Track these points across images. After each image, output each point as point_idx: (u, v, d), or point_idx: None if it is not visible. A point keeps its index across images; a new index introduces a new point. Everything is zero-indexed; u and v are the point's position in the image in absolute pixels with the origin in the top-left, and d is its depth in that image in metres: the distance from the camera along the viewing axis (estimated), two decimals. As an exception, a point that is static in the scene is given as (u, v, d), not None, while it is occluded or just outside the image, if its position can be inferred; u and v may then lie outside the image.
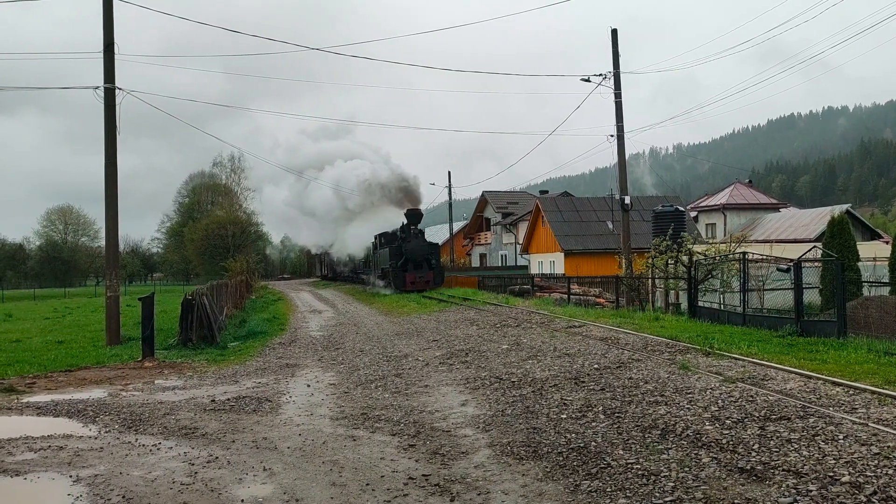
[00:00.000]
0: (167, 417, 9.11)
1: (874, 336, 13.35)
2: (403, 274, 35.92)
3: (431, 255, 37.28)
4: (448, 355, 13.51)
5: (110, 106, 18.75)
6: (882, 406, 7.44)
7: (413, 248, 36.47)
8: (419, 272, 36.14)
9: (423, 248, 36.90)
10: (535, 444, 6.99)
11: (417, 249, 36.50)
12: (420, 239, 37.49)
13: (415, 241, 36.85)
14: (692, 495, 5.32)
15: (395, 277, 36.12)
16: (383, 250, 39.62)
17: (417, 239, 37.15)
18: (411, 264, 36.28)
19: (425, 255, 36.79)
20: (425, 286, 35.57)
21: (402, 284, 35.58)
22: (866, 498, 4.98)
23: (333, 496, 5.84)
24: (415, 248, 36.49)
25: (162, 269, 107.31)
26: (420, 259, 36.46)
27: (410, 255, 36.29)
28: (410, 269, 36.17)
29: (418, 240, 37.21)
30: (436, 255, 38.03)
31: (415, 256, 36.36)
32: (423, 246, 37.04)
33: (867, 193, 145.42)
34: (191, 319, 17.33)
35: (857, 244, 21.26)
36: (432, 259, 37.25)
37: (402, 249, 36.65)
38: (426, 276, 36.27)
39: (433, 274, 36.82)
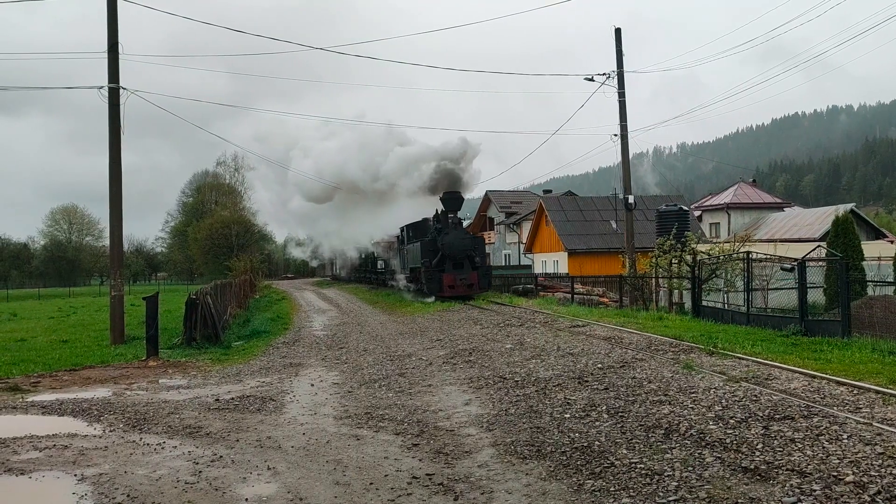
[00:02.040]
0: (171, 416, 9.13)
1: (879, 336, 13.32)
2: (440, 275, 28.29)
3: (475, 250, 29.33)
4: (451, 355, 13.51)
5: (114, 106, 18.79)
6: (886, 406, 7.43)
7: (452, 241, 28.52)
8: (460, 273, 28.51)
9: (464, 241, 28.99)
10: (538, 444, 6.99)
11: (457, 243, 28.59)
12: (460, 230, 29.65)
13: (454, 234, 28.79)
14: (696, 495, 5.32)
15: (430, 280, 28.65)
16: (412, 245, 32.43)
17: (458, 230, 29.19)
18: (450, 263, 28.61)
19: (467, 251, 28.84)
20: (468, 291, 28.21)
21: (439, 288, 28.17)
22: (870, 497, 4.97)
23: (337, 495, 5.85)
24: (454, 242, 28.55)
25: (166, 269, 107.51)
26: (461, 256, 28.65)
27: (449, 250, 28.46)
28: (449, 268, 28.57)
29: (458, 231, 29.27)
30: (480, 251, 30.00)
31: (454, 252, 28.52)
32: (464, 239, 29.16)
33: (872, 193, 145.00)
34: (195, 319, 17.36)
35: (861, 243, 21.21)
36: (476, 256, 29.13)
37: (437, 244, 29.02)
38: (469, 277, 28.48)
39: (478, 275, 28.87)
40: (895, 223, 53.13)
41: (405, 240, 34.69)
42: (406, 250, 34.26)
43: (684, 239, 23.81)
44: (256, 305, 33.30)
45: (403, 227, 34.81)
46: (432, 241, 29.55)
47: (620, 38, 26.27)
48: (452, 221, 29.32)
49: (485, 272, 29.78)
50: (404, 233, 34.86)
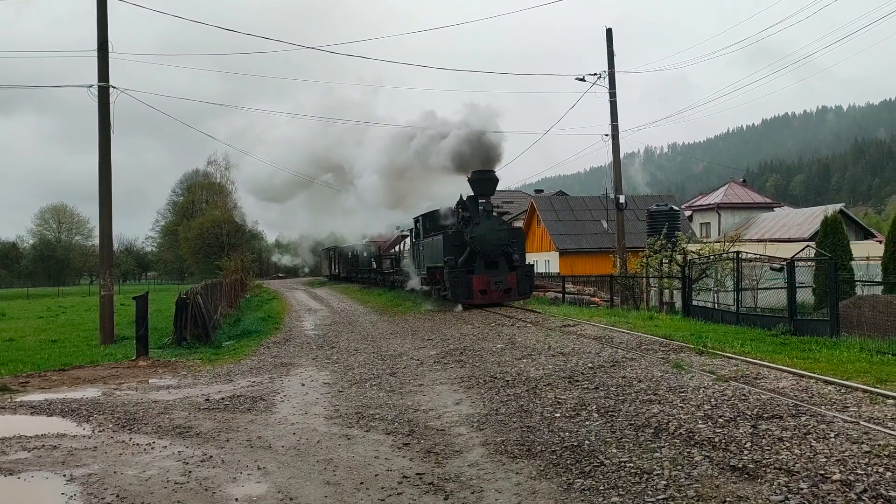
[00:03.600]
0: (161, 416, 9.11)
1: (867, 335, 13.41)
2: (468, 277, 22.32)
3: (513, 244, 23.30)
4: (443, 354, 13.52)
5: (104, 104, 18.72)
6: (873, 405, 7.48)
7: (484, 233, 22.56)
8: (494, 274, 22.50)
9: (499, 233, 22.93)
10: (528, 443, 7.01)
11: (491, 236, 22.63)
12: (494, 220, 23.47)
13: (487, 224, 22.81)
14: (684, 493, 5.35)
15: (456, 283, 22.35)
16: (431, 239, 25.80)
17: (491, 220, 23.12)
18: (481, 261, 22.69)
19: (503, 246, 22.86)
20: (505, 297, 22.33)
21: (467, 294, 22.28)
22: (857, 496, 5.01)
23: (328, 495, 5.86)
24: (487, 235, 22.57)
25: (156, 268, 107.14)
26: (495, 252, 22.75)
27: (480, 245, 22.52)
28: (480, 268, 22.60)
29: (492, 221, 23.12)
30: (519, 246, 23.85)
31: (487, 248, 22.59)
32: (499, 231, 23.04)
33: (861, 193, 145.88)
34: (185, 318, 17.31)
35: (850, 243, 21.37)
36: (514, 252, 23.13)
37: (464, 237, 22.98)
38: (505, 279, 22.43)
39: (516, 277, 22.69)
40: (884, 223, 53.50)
41: (420, 233, 28.05)
42: (422, 246, 27.55)
43: (675, 239, 23.93)
44: (247, 305, 33.22)
45: (418, 218, 28.32)
46: (457, 233, 23.40)
47: (612, 39, 26.36)
48: (484, 209, 22.92)
49: (525, 273, 23.29)
50: (419, 224, 28.12)
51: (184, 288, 24.56)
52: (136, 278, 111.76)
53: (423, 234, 27.62)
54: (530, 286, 23.61)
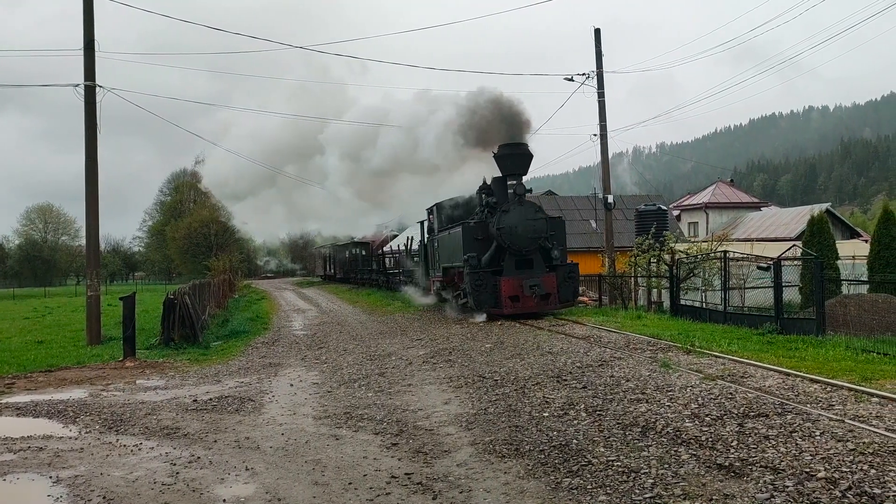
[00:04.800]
0: (148, 417, 9.07)
1: (852, 334, 13.55)
2: (494, 279, 18.11)
3: (552, 238, 19.00)
4: (431, 354, 13.53)
5: (91, 104, 18.62)
6: (858, 403, 7.55)
7: (515, 223, 18.31)
8: (528, 275, 18.13)
9: (535, 223, 18.52)
10: (517, 442, 7.03)
11: (523, 227, 18.31)
12: (528, 207, 18.77)
13: (518, 211, 18.46)
14: (671, 491, 5.38)
15: (478, 287, 18.10)
16: (447, 234, 21.39)
17: (523, 207, 18.62)
18: (511, 259, 18.41)
19: (539, 239, 18.54)
20: (542, 305, 18.05)
21: (493, 301, 18.03)
22: (841, 493, 5.06)
23: (316, 495, 5.85)
24: (517, 225, 18.30)
25: (144, 268, 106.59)
26: (529, 247, 18.38)
27: (510, 238, 18.29)
28: (510, 268, 18.31)
29: (525, 208, 18.64)
30: (560, 239, 19.53)
31: (518, 241, 18.30)
32: (534, 220, 18.58)
33: (847, 192, 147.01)
34: (173, 319, 17.23)
35: (836, 243, 21.55)
36: (554, 248, 18.90)
37: (489, 228, 18.75)
38: (543, 283, 18.04)
39: (556, 279, 18.38)
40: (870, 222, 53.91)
41: (434, 226, 23.60)
42: (436, 241, 23.08)
43: (663, 238, 24.04)
44: (235, 305, 33.09)
45: (431, 208, 23.99)
46: (481, 224, 19.06)
47: (600, 39, 26.42)
48: (516, 192, 18.50)
49: (568, 273, 18.62)
50: (432, 216, 23.89)
51: (171, 288, 24.44)
52: (123, 279, 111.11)
53: (438, 226, 22.83)
54: (574, 291, 18.86)
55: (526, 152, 19.07)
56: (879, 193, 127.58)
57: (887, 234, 20.10)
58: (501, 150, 18.91)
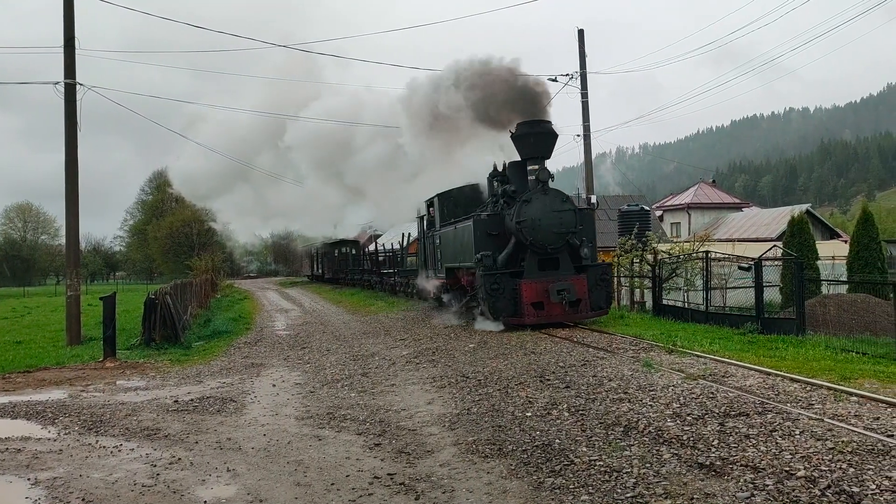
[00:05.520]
0: (129, 418, 8.98)
1: (832, 333, 13.67)
2: (514, 282, 15.62)
3: (581, 233, 16.42)
4: (415, 354, 13.51)
5: (71, 101, 18.42)
6: (837, 402, 7.63)
7: (537, 215, 15.78)
8: (553, 277, 15.67)
9: (561, 215, 15.94)
10: (500, 442, 7.03)
11: (548, 220, 15.80)
12: (553, 196, 16.16)
13: (542, 202, 15.92)
14: (653, 491, 5.40)
15: (493, 292, 15.51)
16: (453, 229, 18.72)
17: (548, 196, 16.07)
18: (533, 258, 15.93)
19: (567, 234, 15.99)
20: (572, 314, 15.53)
21: (513, 309, 15.54)
22: (820, 492, 5.10)
23: (298, 496, 5.82)
24: (541, 218, 15.77)
25: (125, 268, 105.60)
26: (555, 243, 15.88)
27: (532, 233, 15.77)
28: (532, 268, 15.85)
29: (549, 198, 16.05)
30: (589, 233, 16.93)
31: (542, 237, 15.80)
32: (560, 212, 15.97)
33: (827, 193, 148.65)
34: (154, 319, 17.09)
35: (816, 243, 21.76)
36: (583, 245, 16.37)
37: (505, 221, 16.42)
38: (572, 286, 15.46)
39: (586, 281, 15.84)
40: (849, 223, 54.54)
41: (436, 220, 20.80)
42: (438, 238, 20.42)
43: (645, 238, 24.12)
44: (218, 305, 32.88)
45: (431, 200, 21.07)
46: (495, 217, 16.52)
47: (583, 40, 26.51)
48: (538, 179, 15.95)
49: (600, 276, 16.17)
50: (433, 209, 21.13)
51: (153, 288, 24.24)
52: (104, 278, 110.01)
53: (441, 221, 20.14)
54: (607, 296, 16.30)
55: (549, 131, 16.34)
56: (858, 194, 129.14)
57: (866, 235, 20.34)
58: (521, 129, 16.19)
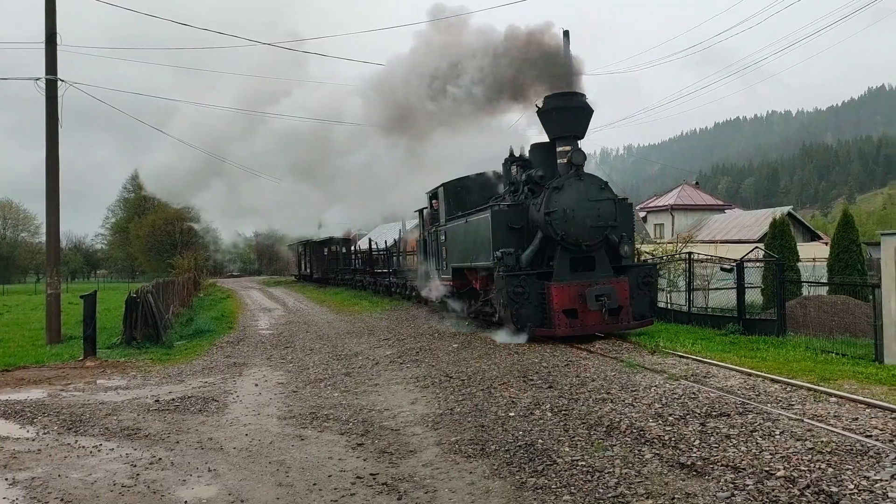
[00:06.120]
0: (109, 418, 8.90)
1: (812, 334, 13.83)
2: (540, 285, 13.45)
3: (620, 227, 14.19)
4: (399, 354, 13.49)
5: (52, 98, 18.23)
6: (817, 402, 7.71)
7: (571, 205, 13.61)
8: (589, 279, 13.45)
9: (598, 206, 13.82)
10: (482, 442, 7.03)
11: (583, 211, 13.67)
12: (589, 182, 13.95)
13: (576, 188, 13.75)
14: (634, 491, 5.43)
15: (517, 297, 13.25)
16: (463, 223, 16.36)
17: (582, 183, 13.83)
18: (564, 256, 13.77)
19: (605, 228, 13.88)
20: (611, 323, 13.36)
21: (540, 316, 13.35)
22: (800, 491, 5.15)
23: (280, 496, 5.79)
24: (575, 208, 13.63)
25: (106, 266, 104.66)
26: (591, 239, 13.78)
27: (563, 225, 13.61)
28: (562, 269, 13.69)
29: (584, 184, 13.85)
30: (628, 230, 14.61)
31: (576, 231, 13.66)
32: (598, 201, 13.85)
33: (808, 196, 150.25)
34: (135, 318, 16.94)
35: (797, 245, 22.00)
36: (624, 243, 14.12)
37: (529, 214, 14.30)
38: (612, 291, 13.19)
39: (628, 285, 13.63)
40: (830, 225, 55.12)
41: (438, 215, 18.67)
42: (442, 234, 18.10)
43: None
44: (200, 304, 32.68)
45: (434, 192, 19.03)
46: (517, 208, 14.38)
47: (568, 41, 26.51)
48: (571, 163, 13.63)
49: (643, 278, 14.05)
50: (435, 201, 19.09)
51: (134, 286, 24.03)
52: (84, 276, 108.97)
53: (447, 214, 17.78)
54: (651, 302, 14.22)
55: (584, 105, 13.90)
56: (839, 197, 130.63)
57: (846, 238, 20.57)
58: (549, 103, 13.91)
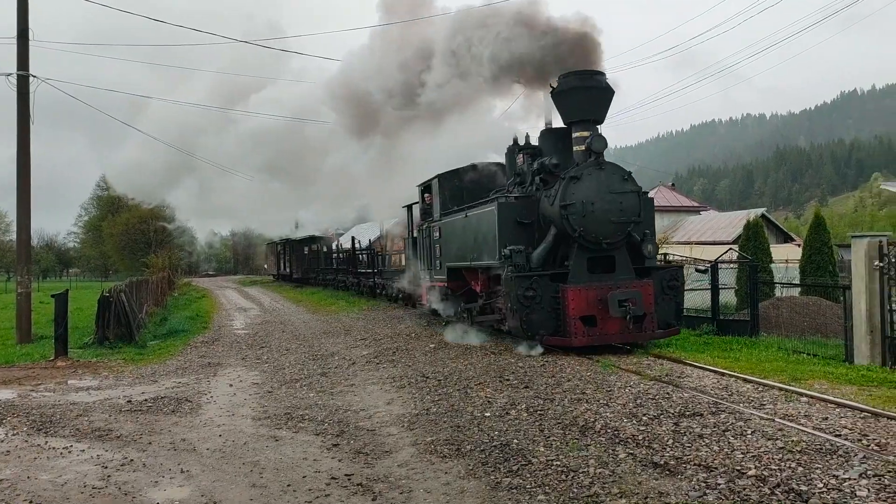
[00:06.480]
0: (80, 419, 8.78)
1: (785, 335, 14.00)
2: (556, 289, 11.88)
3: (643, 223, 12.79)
4: (375, 354, 13.46)
5: (23, 94, 17.96)
6: (788, 402, 7.81)
7: (590, 196, 11.99)
8: (609, 282, 11.96)
9: (623, 199, 12.22)
10: (458, 443, 7.03)
11: (604, 204, 12.03)
12: (610, 171, 12.29)
13: (595, 178, 12.09)
14: (608, 490, 5.46)
15: (528, 300, 11.73)
16: (463, 218, 14.89)
17: (603, 172, 12.18)
18: (581, 255, 12.22)
19: (628, 224, 12.27)
20: (636, 333, 11.87)
21: (553, 323, 11.86)
22: (770, 490, 5.21)
23: (253, 497, 5.75)
24: (595, 199, 12.00)
25: (78, 265, 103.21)
26: (612, 236, 12.16)
27: (580, 220, 12.02)
28: (579, 270, 12.15)
29: (605, 174, 12.19)
30: (651, 227, 13.26)
31: (596, 227, 12.05)
32: (621, 194, 12.21)
33: (782, 198, 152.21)
34: (108, 317, 16.73)
35: (770, 246, 22.23)
36: (647, 242, 12.68)
37: (540, 207, 12.95)
38: (636, 294, 11.61)
39: (652, 287, 12.11)
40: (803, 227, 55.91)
41: (434, 207, 17.12)
42: (436, 230, 16.81)
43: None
44: (175, 304, 32.35)
45: (427, 184, 17.59)
46: (526, 201, 13.16)
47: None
48: (591, 150, 12.17)
49: (668, 281, 12.62)
50: (428, 195, 17.65)
51: (107, 285, 23.74)
52: (56, 275, 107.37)
53: (442, 208, 16.40)
54: (677, 308, 12.72)
55: (604, 85, 12.42)
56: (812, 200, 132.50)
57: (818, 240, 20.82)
58: (565, 83, 12.37)
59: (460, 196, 16.17)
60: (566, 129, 12.95)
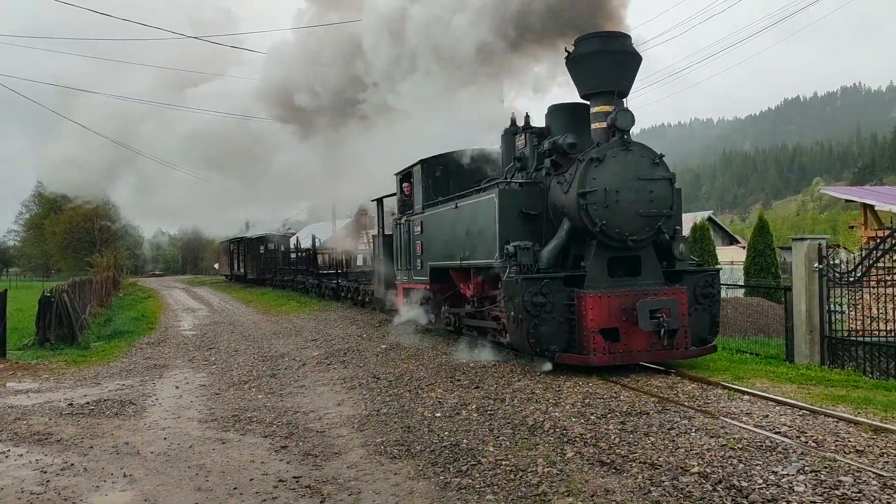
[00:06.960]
0: (18, 423, 8.51)
1: (729, 335, 14.37)
2: (572, 294, 9.66)
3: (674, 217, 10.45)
4: (326, 355, 13.36)
5: (-40, 86, 17.33)
6: (731, 401, 8.02)
7: (615, 182, 9.79)
8: (636, 289, 9.77)
9: (654, 187, 9.96)
10: (408, 443, 7.03)
11: (630, 193, 9.84)
12: (638, 153, 9.96)
13: (620, 161, 9.82)
14: (556, 489, 5.52)
15: (537, 308, 9.52)
16: (453, 209, 12.48)
17: (630, 154, 9.89)
18: (601, 255, 9.98)
19: (657, 218, 9.96)
20: (667, 351, 9.65)
21: (567, 337, 9.70)
22: (712, 487, 5.34)
23: (198, 501, 5.65)
24: (620, 187, 9.81)
25: (19, 264, 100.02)
26: (639, 232, 9.90)
27: (601, 212, 9.75)
28: (598, 273, 9.94)
29: (632, 155, 9.90)
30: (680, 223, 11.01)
31: (620, 222, 9.79)
32: (652, 182, 9.95)
33: (728, 201, 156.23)
34: (49, 318, 16.26)
35: (716, 248, 22.82)
36: (678, 241, 10.42)
37: (550, 195, 10.62)
38: (673, 300, 9.58)
39: (686, 295, 9.92)
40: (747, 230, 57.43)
41: (416, 198, 15.13)
42: (418, 225, 14.70)
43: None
44: (120, 304, 31.60)
45: (407, 171, 15.67)
46: (533, 188, 11.01)
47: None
48: (616, 128, 9.95)
49: (704, 287, 10.47)
50: (408, 184, 15.83)
51: (49, 285, 23.06)
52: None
53: (425, 198, 14.43)
54: (712, 320, 10.58)
55: (630, 49, 10.34)
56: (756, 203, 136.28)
57: (762, 242, 21.48)
58: (583, 47, 10.27)
59: (447, 185, 14.15)
60: (580, 104, 10.90)
